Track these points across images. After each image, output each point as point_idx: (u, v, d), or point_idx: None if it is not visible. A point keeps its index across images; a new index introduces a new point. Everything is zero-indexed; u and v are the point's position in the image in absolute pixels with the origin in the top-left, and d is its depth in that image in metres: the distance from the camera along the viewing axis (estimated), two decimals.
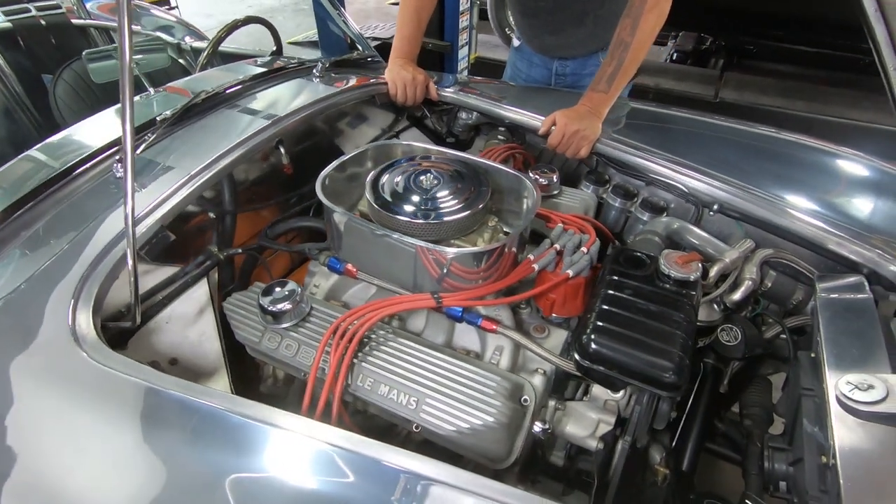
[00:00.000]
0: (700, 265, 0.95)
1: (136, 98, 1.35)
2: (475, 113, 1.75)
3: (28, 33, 2.01)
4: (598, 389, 1.04)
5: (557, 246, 1.06)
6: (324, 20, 2.24)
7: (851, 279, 1.11)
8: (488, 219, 1.09)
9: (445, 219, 1.00)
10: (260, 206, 1.38)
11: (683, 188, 1.32)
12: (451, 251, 0.95)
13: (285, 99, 1.34)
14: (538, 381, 0.97)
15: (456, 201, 1.03)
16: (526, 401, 0.92)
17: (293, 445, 0.71)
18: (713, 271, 1.10)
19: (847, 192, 1.35)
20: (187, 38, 2.29)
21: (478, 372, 0.87)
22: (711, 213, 1.30)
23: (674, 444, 1.24)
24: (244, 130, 1.17)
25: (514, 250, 1.03)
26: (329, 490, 0.67)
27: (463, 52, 3.13)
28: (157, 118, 1.16)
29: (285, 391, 1.10)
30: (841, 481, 0.77)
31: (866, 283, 1.09)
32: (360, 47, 1.86)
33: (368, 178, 1.09)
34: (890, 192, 1.35)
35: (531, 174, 1.30)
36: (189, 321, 1.10)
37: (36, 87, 2.04)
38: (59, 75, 1.96)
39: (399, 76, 1.55)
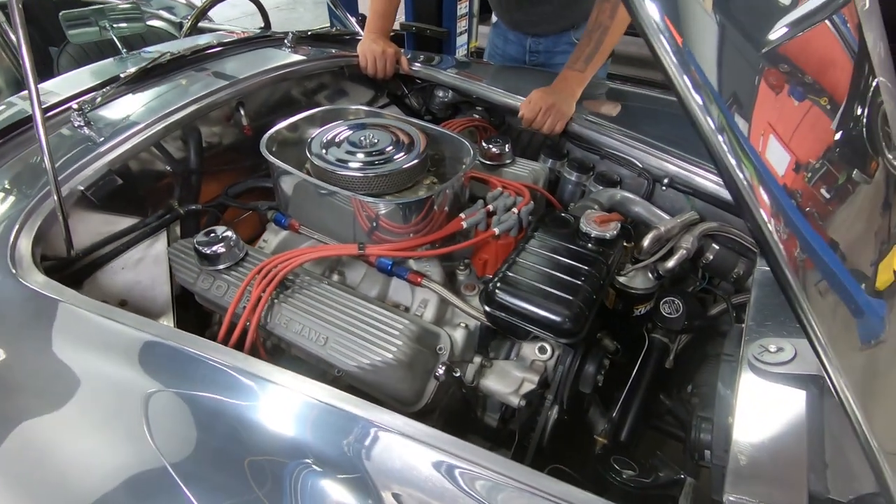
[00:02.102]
0: (618, 225, 0.96)
1: (108, 59, 1.43)
2: (451, 92, 1.78)
3: (37, 7, 2.12)
4: (526, 350, 1.06)
5: (490, 206, 1.08)
6: (332, 10, 2.30)
7: None
8: (425, 177, 1.12)
9: (378, 172, 1.03)
10: (228, 168, 1.44)
11: (637, 163, 1.33)
12: (377, 202, 0.98)
13: (250, 64, 1.40)
14: (459, 334, 1.00)
15: (390, 158, 1.06)
16: (441, 349, 0.94)
17: (205, 370, 0.75)
18: (647, 239, 1.10)
19: None
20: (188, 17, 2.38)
21: (388, 315, 0.90)
22: (663, 187, 1.30)
23: (615, 415, 1.25)
24: (204, 89, 1.23)
25: (447, 209, 1.06)
26: (235, 412, 0.72)
27: (461, 40, 3.15)
28: (121, 75, 1.23)
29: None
30: (735, 435, 0.78)
31: None
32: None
33: (311, 136, 1.13)
34: None
35: (483, 143, 1.33)
36: (144, 268, 1.16)
37: (43, 58, 2.16)
38: (63, 48, 2.07)
39: (369, 49, 1.59)
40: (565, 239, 0.95)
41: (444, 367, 0.88)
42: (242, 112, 1.31)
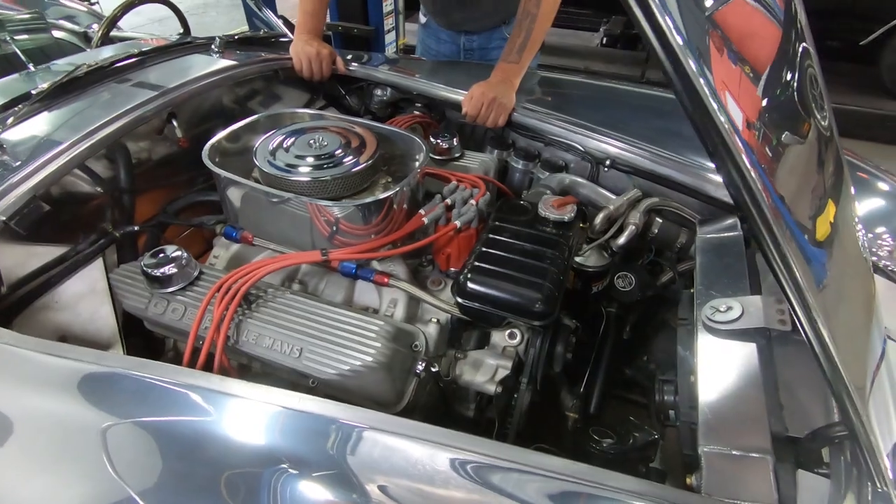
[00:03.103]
0: (575, 207, 1.00)
1: (14, 76, 1.30)
2: (389, 89, 1.76)
3: None
4: (496, 337, 1.08)
5: (448, 200, 1.09)
6: (251, 13, 2.21)
7: (727, 221, 1.19)
8: (380, 177, 1.11)
9: (332, 175, 1.01)
10: (163, 184, 1.35)
11: (580, 147, 1.38)
12: (335, 205, 0.96)
13: (178, 72, 1.32)
14: (432, 329, 1.00)
15: (342, 160, 1.04)
16: (417, 346, 0.94)
17: (162, 394, 0.71)
18: (599, 218, 1.16)
19: None
20: (94, 26, 2.20)
21: (362, 318, 0.89)
22: (606, 168, 1.36)
23: (582, 389, 1.31)
24: (129, 102, 1.15)
25: (405, 207, 1.06)
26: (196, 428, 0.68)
27: (389, 38, 3.13)
28: (33, 91, 1.12)
29: None
30: (699, 392, 0.83)
31: (739, 223, 1.17)
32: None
33: (257, 143, 1.09)
34: None
35: (431, 139, 1.33)
36: (81, 300, 1.07)
37: None
38: None
39: (303, 51, 1.54)
40: (526, 225, 0.98)
41: (424, 364, 0.88)
42: (175, 123, 1.24)
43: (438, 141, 1.32)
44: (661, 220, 1.25)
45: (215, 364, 0.84)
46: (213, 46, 1.49)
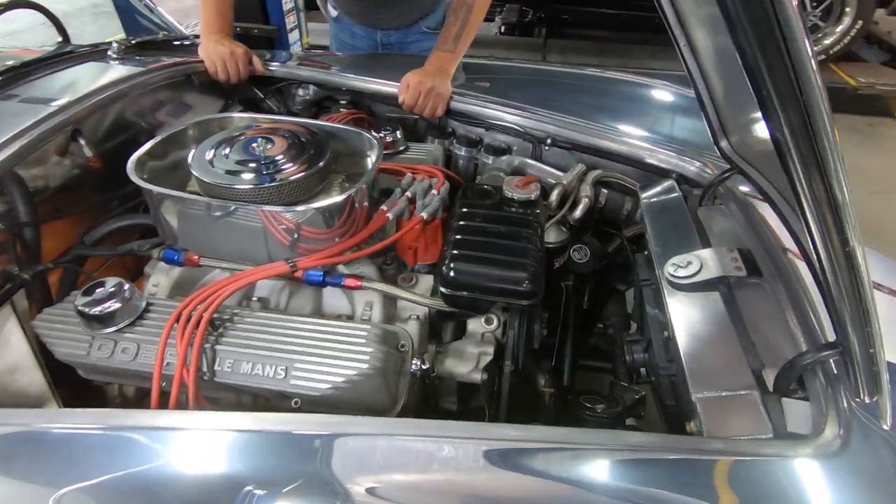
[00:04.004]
0: (538, 185, 1.01)
1: None
2: (312, 87, 1.68)
3: None
4: (473, 325, 1.07)
5: (409, 193, 1.06)
6: (130, 14, 1.99)
7: (665, 184, 1.27)
8: (334, 178, 1.05)
9: (285, 180, 0.94)
10: (73, 212, 1.18)
11: (519, 128, 1.41)
12: (294, 210, 0.89)
13: (75, 83, 1.15)
14: (413, 326, 0.97)
15: (294, 162, 0.97)
16: (403, 346, 0.91)
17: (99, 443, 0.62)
18: (554, 195, 1.18)
19: (655, 113, 1.55)
20: None
21: (346, 326, 0.84)
22: (546, 147, 1.40)
23: (553, 364, 1.34)
24: (22, 121, 0.98)
25: (366, 205, 1.01)
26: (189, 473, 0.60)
27: (293, 37, 2.99)
28: None
29: (139, 407, 0.96)
30: (679, 345, 0.88)
31: (676, 185, 1.25)
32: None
33: (192, 154, 0.98)
34: (687, 111, 1.57)
35: (374, 133, 1.28)
36: None
37: None
38: None
39: (215, 52, 1.42)
40: (494, 208, 0.98)
41: (418, 362, 0.85)
42: (83, 142, 1.08)
43: (382, 135, 1.28)
44: (606, 191, 1.31)
45: (190, 402, 0.75)
46: (109, 52, 1.32)
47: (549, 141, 1.38)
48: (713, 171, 1.24)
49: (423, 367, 0.89)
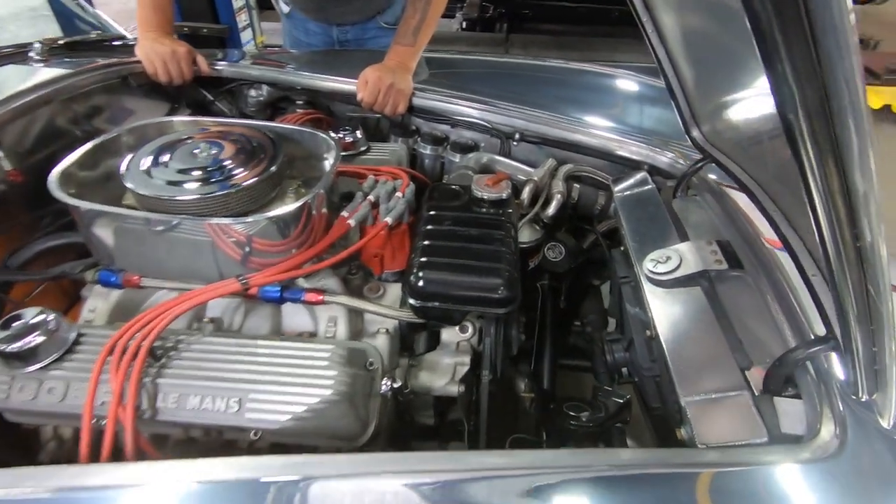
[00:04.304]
0: (509, 183, 0.96)
1: None
2: (265, 88, 1.58)
3: None
4: (447, 335, 1.01)
5: (371, 197, 0.98)
6: (69, 18, 1.85)
7: (638, 176, 1.24)
8: (289, 184, 0.97)
9: (233, 188, 0.85)
10: None
11: (486, 124, 1.35)
12: (245, 221, 0.81)
13: None
14: (382, 341, 0.90)
15: (243, 168, 0.88)
16: (372, 364, 0.84)
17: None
18: (525, 192, 1.13)
19: (623, 104, 1.52)
20: None
21: (307, 347, 0.76)
22: (515, 142, 1.34)
23: (532, 368, 1.29)
24: None
25: (325, 212, 0.93)
26: None
27: (246, 36, 2.85)
28: None
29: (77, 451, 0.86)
30: (663, 344, 0.84)
31: (648, 177, 1.22)
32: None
33: (126, 163, 0.88)
34: (655, 101, 1.54)
35: (332, 134, 1.20)
36: None
37: None
38: None
39: (154, 51, 1.31)
40: (464, 209, 0.91)
41: (388, 382, 0.78)
42: (1, 154, 0.97)
43: (341, 135, 1.20)
44: (579, 186, 1.27)
45: (128, 446, 0.66)
46: (31, 54, 1.20)
47: (517, 136, 1.33)
48: (685, 162, 1.21)
49: (395, 385, 0.82)
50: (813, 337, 0.73)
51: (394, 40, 1.38)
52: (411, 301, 0.81)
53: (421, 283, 0.79)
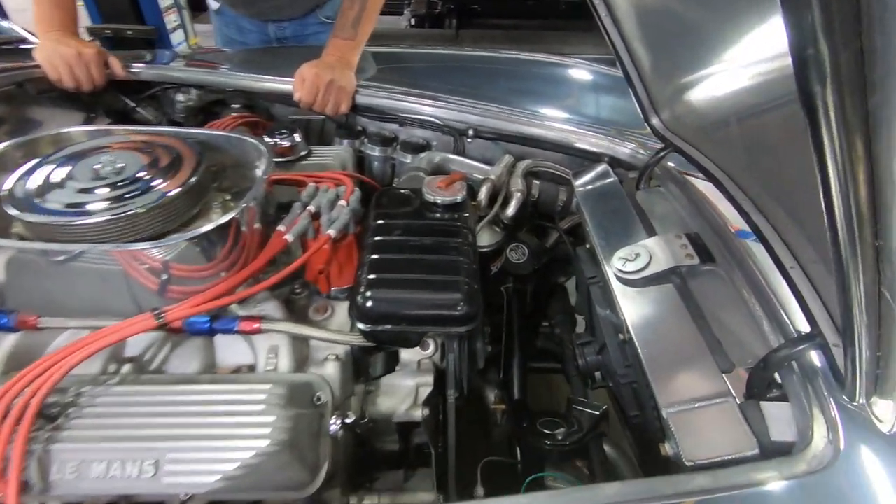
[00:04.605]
0: (464, 184, 0.87)
1: None
2: (195, 91, 1.44)
3: None
4: (407, 354, 0.91)
5: (311, 207, 0.87)
6: None
7: (598, 169, 1.18)
8: (217, 198, 0.85)
9: (144, 206, 0.73)
10: None
11: (437, 121, 1.26)
12: (161, 244, 0.69)
13: None
14: (332, 369, 0.79)
15: (156, 183, 0.76)
16: (320, 399, 0.74)
17: None
18: (483, 192, 1.05)
19: (578, 94, 1.46)
20: None
21: (239, 389, 0.65)
22: (469, 139, 1.26)
23: (501, 376, 1.22)
24: None
25: (258, 227, 0.82)
26: None
27: (177, 37, 2.65)
28: None
29: None
30: (638, 349, 0.78)
31: (610, 169, 1.16)
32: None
33: (8, 186, 0.74)
34: (611, 90, 1.49)
35: (267, 138, 1.09)
36: None
37: None
38: None
39: (56, 53, 1.15)
40: (415, 216, 0.82)
41: (338, 421, 0.68)
42: None
43: (277, 140, 1.08)
44: (538, 182, 1.20)
45: None
46: None
47: (471, 132, 1.25)
48: (646, 152, 1.16)
49: (347, 420, 0.72)
50: (797, 334, 0.68)
51: (332, 34, 1.27)
52: (360, 325, 0.72)
53: (369, 304, 0.69)
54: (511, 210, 1.07)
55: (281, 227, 0.83)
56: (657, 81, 1.03)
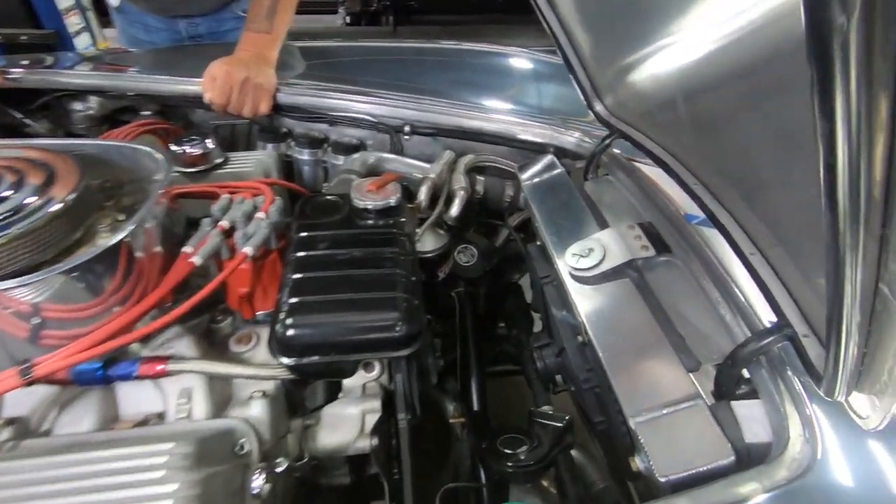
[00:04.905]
0: (398, 185, 0.78)
1: None
2: (94, 99, 1.28)
3: None
4: (351, 378, 0.82)
5: (224, 222, 0.76)
6: None
7: (544, 160, 1.11)
8: (101, 217, 0.72)
9: (11, 235, 0.60)
10: None
11: (370, 118, 1.16)
12: (27, 281, 0.56)
13: None
14: (259, 409, 0.69)
15: (24, 204, 0.63)
16: (242, 447, 0.63)
17: None
18: (423, 192, 0.96)
19: (520, 84, 1.40)
20: None
21: (134, 454, 0.54)
22: (406, 136, 1.17)
23: (459, 387, 1.14)
24: None
25: (158, 250, 0.70)
26: None
27: (82, 41, 2.40)
28: None
29: None
30: (599, 353, 0.71)
31: (556, 160, 1.10)
32: None
33: None
34: (552, 78, 1.43)
35: (174, 147, 0.96)
36: None
37: None
38: None
39: None
40: (344, 225, 0.72)
41: (261, 476, 0.58)
42: None
43: (185, 148, 0.95)
44: (483, 178, 1.13)
45: None
46: None
47: (407, 129, 1.16)
48: (592, 141, 1.11)
49: (278, 469, 0.61)
50: (763, 326, 0.63)
51: (245, 27, 1.14)
52: (283, 360, 0.61)
53: (291, 333, 0.59)
54: (455, 210, 0.99)
55: (187, 248, 0.71)
56: (599, 65, 0.97)
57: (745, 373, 0.65)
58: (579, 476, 0.93)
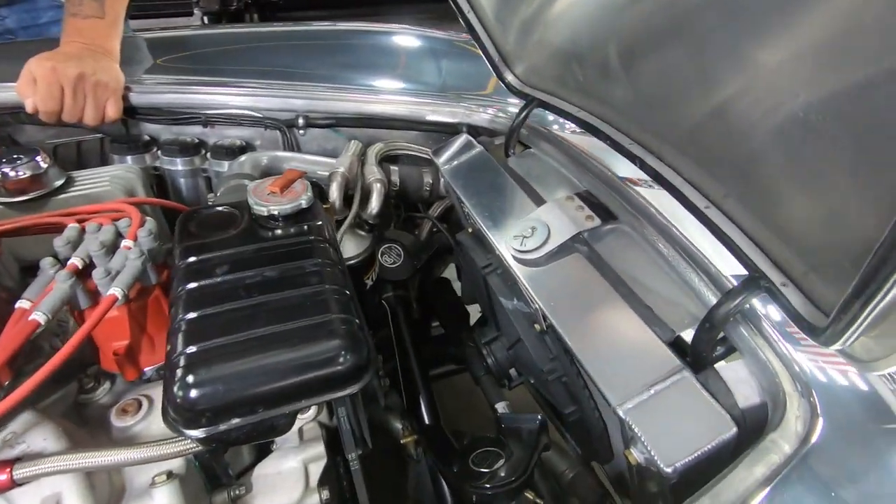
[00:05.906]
0: (306, 182, 0.64)
1: None
2: None
3: None
4: None
5: (75, 260, 0.56)
6: None
7: (460, 141, 1.02)
8: None
9: None
10: None
11: (254, 114, 0.99)
12: None
13: None
14: (165, 494, 0.52)
15: None
16: None
17: None
18: (334, 190, 0.82)
19: (415, 63, 1.29)
20: None
21: None
22: (301, 130, 1.01)
23: (405, 401, 1.03)
24: None
25: None
26: None
27: None
28: None
29: None
30: (566, 339, 0.64)
31: (472, 139, 1.01)
32: None
33: None
34: (448, 55, 1.34)
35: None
36: None
37: None
38: None
39: None
40: (244, 240, 0.56)
41: None
42: None
43: (4, 171, 0.72)
44: (397, 168, 1.01)
45: None
46: None
47: (301, 121, 1.00)
48: (507, 115, 1.04)
49: None
50: (735, 283, 0.59)
51: (67, 12, 0.90)
52: (190, 432, 0.45)
53: (196, 395, 0.43)
54: (374, 206, 0.86)
55: (22, 303, 0.51)
56: (504, 33, 0.90)
57: (723, 334, 0.61)
58: (549, 470, 0.86)
